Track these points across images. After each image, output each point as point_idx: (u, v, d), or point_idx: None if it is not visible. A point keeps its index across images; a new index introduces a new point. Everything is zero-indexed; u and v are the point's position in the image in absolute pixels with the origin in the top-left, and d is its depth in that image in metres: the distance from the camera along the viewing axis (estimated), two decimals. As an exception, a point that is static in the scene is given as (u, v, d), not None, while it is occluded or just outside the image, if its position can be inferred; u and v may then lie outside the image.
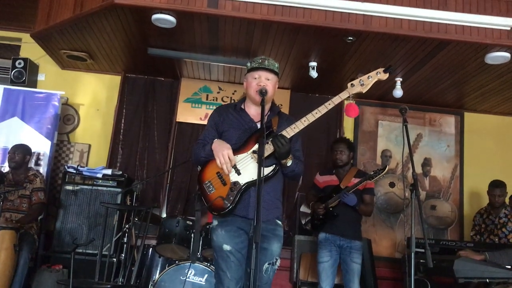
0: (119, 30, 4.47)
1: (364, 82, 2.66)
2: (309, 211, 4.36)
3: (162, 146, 5.63)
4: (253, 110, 2.71)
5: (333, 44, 4.37)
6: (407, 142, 2.82)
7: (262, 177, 2.23)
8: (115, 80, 5.70)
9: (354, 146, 4.89)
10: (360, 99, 5.52)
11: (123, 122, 5.63)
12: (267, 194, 2.54)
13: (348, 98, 2.66)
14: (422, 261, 3.84)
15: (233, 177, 2.52)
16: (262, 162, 2.27)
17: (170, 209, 5.45)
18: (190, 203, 5.39)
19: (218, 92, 5.74)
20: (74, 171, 4.79)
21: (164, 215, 5.37)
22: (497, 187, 4.67)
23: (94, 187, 4.80)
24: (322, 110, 2.57)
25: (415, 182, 2.72)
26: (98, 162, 5.39)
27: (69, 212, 4.75)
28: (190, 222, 4.10)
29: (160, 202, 5.44)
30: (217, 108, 2.84)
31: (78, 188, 4.79)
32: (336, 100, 2.59)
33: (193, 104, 5.71)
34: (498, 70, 4.57)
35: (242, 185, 2.50)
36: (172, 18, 4.06)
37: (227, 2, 3.94)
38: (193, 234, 4.00)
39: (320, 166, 5.40)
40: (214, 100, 5.71)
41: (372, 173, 3.94)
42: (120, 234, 4.34)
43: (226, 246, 2.50)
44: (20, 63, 5.33)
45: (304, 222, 4.98)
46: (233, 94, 5.72)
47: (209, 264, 3.80)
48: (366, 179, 3.89)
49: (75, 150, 5.54)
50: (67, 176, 4.83)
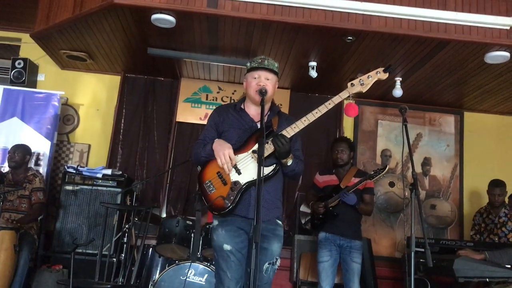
0: (119, 30, 4.47)
1: (364, 82, 2.66)
2: (309, 211, 4.37)
3: (162, 146, 5.62)
4: (253, 110, 2.71)
5: (332, 43, 4.37)
6: (407, 141, 2.82)
7: (262, 176, 2.23)
8: (115, 80, 5.70)
9: (355, 145, 4.90)
10: (359, 99, 5.53)
11: (123, 122, 5.62)
12: (268, 194, 2.54)
13: (348, 98, 2.66)
14: (422, 260, 3.84)
15: (233, 176, 2.52)
16: (262, 162, 2.28)
17: (170, 209, 5.45)
18: (190, 203, 5.39)
19: (218, 92, 5.74)
20: (74, 171, 4.80)
21: (164, 215, 5.37)
22: (497, 186, 4.67)
23: (94, 187, 4.81)
24: (322, 109, 2.57)
25: (415, 181, 2.72)
26: (98, 162, 5.38)
27: (69, 212, 4.75)
28: (190, 222, 4.10)
29: (160, 202, 5.44)
30: (216, 108, 2.83)
31: (78, 188, 4.80)
32: (336, 99, 2.59)
33: (193, 104, 5.71)
34: (498, 69, 4.57)
35: (242, 184, 2.50)
36: (171, 18, 4.06)
37: (227, 2, 3.93)
38: (193, 234, 4.01)
39: (319, 165, 5.40)
40: (213, 100, 5.71)
41: (372, 172, 3.95)
42: (120, 234, 4.34)
43: (227, 246, 2.50)
44: (19, 63, 5.32)
45: (304, 221, 4.98)
46: (232, 94, 5.72)
47: (209, 264, 3.80)
48: (366, 179, 3.89)
49: (75, 150, 5.53)
50: (67, 176, 4.84)
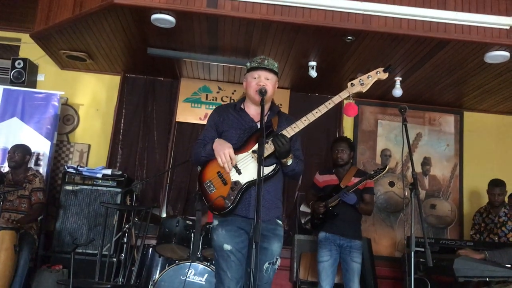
0: (119, 30, 4.47)
1: (364, 82, 2.66)
2: (309, 211, 4.36)
3: (162, 146, 5.62)
4: (253, 110, 2.71)
5: (332, 43, 4.37)
6: (407, 141, 2.81)
7: (262, 176, 2.23)
8: (115, 80, 5.70)
9: (355, 145, 4.90)
10: (359, 99, 5.53)
11: (123, 122, 5.62)
12: (268, 194, 2.54)
13: (348, 98, 2.66)
14: (422, 260, 3.84)
15: (233, 176, 2.52)
16: (262, 162, 2.28)
17: (170, 209, 5.45)
18: (190, 203, 5.39)
19: (218, 92, 5.74)
20: (74, 171, 4.80)
21: (164, 215, 5.37)
22: (496, 186, 4.67)
23: (94, 187, 4.81)
24: (322, 109, 2.57)
25: (415, 181, 2.72)
26: (97, 162, 5.38)
27: (69, 212, 4.75)
28: (190, 222, 4.10)
29: (160, 202, 5.44)
30: (216, 108, 2.83)
31: (78, 188, 4.80)
32: (336, 99, 2.59)
33: (192, 104, 5.70)
34: (498, 69, 4.57)
35: (243, 184, 2.50)
36: (171, 18, 4.06)
37: (227, 2, 3.93)
38: (193, 234, 4.01)
39: (319, 165, 5.40)
40: (213, 100, 5.71)
41: (372, 172, 3.95)
42: (120, 234, 4.34)
43: (227, 246, 2.50)
44: (19, 64, 5.32)
45: (304, 221, 4.97)
46: (232, 94, 5.72)
47: (209, 264, 3.80)
48: (366, 179, 3.89)
49: (75, 150, 5.53)
50: (67, 176, 4.84)
